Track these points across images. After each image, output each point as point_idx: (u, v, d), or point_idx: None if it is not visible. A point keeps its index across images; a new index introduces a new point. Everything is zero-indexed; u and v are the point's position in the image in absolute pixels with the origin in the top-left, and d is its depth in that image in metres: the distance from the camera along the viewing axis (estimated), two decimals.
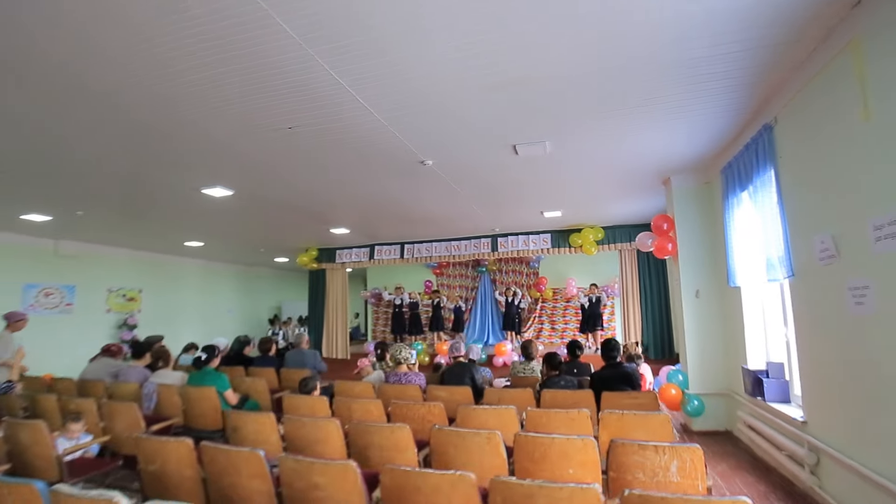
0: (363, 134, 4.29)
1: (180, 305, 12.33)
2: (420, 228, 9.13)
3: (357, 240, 10.37)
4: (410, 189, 6.19)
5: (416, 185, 5.98)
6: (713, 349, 5.37)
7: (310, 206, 6.98)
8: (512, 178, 5.77)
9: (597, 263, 11.43)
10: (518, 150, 4.68)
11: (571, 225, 8.84)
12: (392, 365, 5.31)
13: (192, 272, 12.80)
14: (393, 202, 6.85)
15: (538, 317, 12.02)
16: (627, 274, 8.63)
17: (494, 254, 9.45)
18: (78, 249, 9.90)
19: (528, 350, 4.90)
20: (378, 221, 8.33)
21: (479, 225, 8.86)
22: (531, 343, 4.97)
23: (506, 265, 12.46)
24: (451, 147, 4.69)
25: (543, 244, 9.13)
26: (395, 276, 13.36)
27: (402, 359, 4.52)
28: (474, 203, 6.99)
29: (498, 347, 8.97)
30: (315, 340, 10.76)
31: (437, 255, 9.86)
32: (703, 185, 5.64)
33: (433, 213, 7.73)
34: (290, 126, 4.11)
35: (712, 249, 5.46)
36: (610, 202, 7.13)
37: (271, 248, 11.21)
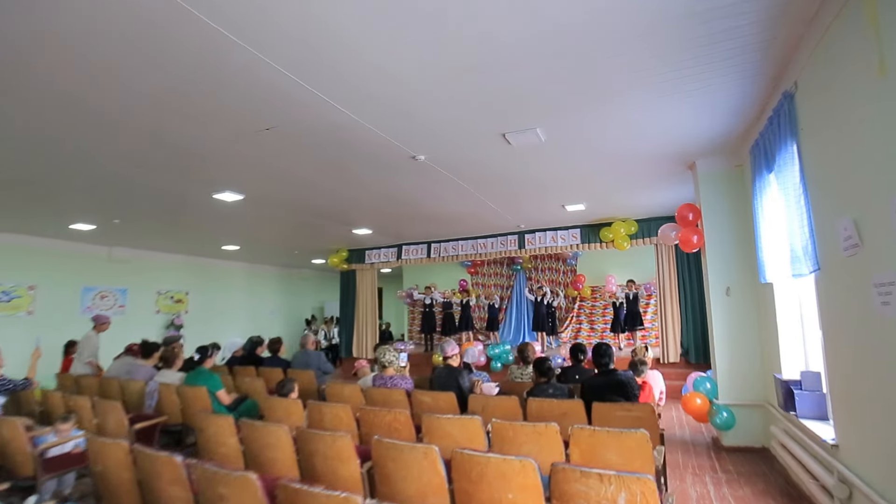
0: (345, 132, 4.17)
1: (225, 306, 12.95)
2: (443, 227, 8.93)
3: (384, 240, 10.35)
4: (417, 186, 6.00)
5: (421, 182, 5.78)
6: (745, 354, 4.72)
7: (320, 206, 6.99)
8: (515, 172, 5.42)
9: (637, 259, 10.67)
10: (510, 140, 4.35)
11: (601, 218, 8.26)
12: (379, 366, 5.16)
13: (236, 275, 13.41)
14: (403, 200, 6.69)
15: (576, 316, 11.42)
16: (664, 270, 7.92)
17: (522, 251, 9.04)
18: (129, 255, 10.64)
19: (525, 354, 4.55)
20: (396, 221, 8.22)
21: (503, 222, 8.50)
22: (528, 346, 4.61)
23: (541, 262, 11.96)
24: (437, 139, 4.44)
25: (573, 240, 8.60)
26: (431, 276, 13.25)
27: (387, 362, 4.34)
28: (487, 199, 6.67)
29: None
30: (346, 341, 10.87)
31: (464, 253, 9.61)
32: (734, 168, 4.99)
33: (449, 211, 7.49)
34: (266, 128, 4.08)
35: (743, 241, 4.81)
36: (634, 192, 6.54)
37: (305, 251, 11.47)
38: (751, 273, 4.70)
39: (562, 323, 11.41)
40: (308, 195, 6.34)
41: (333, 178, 5.62)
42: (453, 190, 6.13)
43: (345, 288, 11.16)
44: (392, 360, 4.35)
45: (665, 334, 7.75)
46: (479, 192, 6.30)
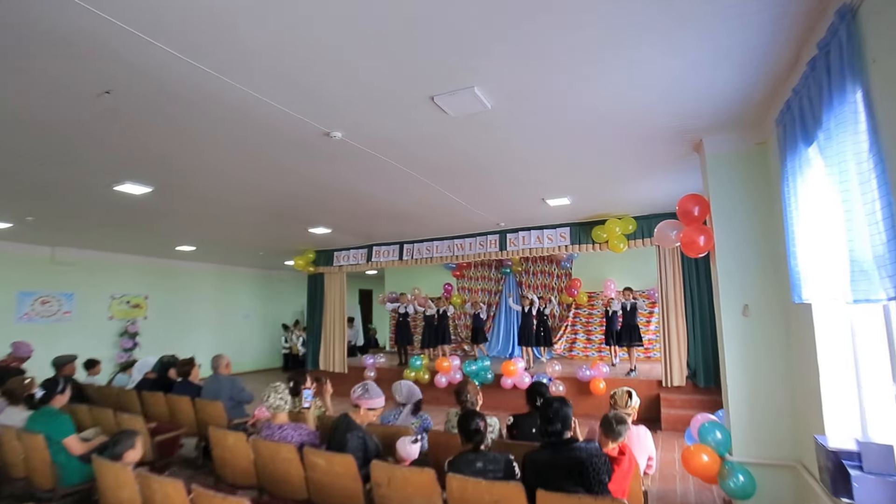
0: (234, 106, 3.09)
1: (191, 311, 11.96)
2: (414, 226, 7.80)
3: (353, 240, 9.25)
4: (352, 173, 4.87)
5: (355, 168, 4.65)
6: (770, 396, 3.51)
7: (250, 199, 5.89)
8: (466, 153, 4.26)
9: (641, 262, 9.44)
10: (442, 106, 3.19)
11: (593, 215, 7.05)
12: (296, 406, 4.04)
13: (203, 277, 12.41)
14: (345, 191, 5.56)
15: (570, 325, 10.20)
16: (668, 276, 6.68)
17: (504, 253, 7.87)
18: (76, 256, 9.68)
19: (462, 395, 3.39)
20: (353, 217, 7.10)
21: (481, 220, 7.34)
22: (466, 385, 3.44)
23: (533, 265, 10.77)
24: (349, 109, 3.31)
25: (561, 240, 7.40)
26: (414, 279, 12.14)
27: (273, 407, 3.21)
28: (444, 188, 5.51)
29: (506, 366, 7.39)
30: (313, 352, 9.79)
31: (440, 255, 8.46)
32: (754, 147, 3.77)
33: (409, 207, 6.36)
34: (106, 91, 2.98)
35: (768, 245, 3.60)
36: (628, 184, 5.33)
37: (271, 252, 10.42)
38: (779, 288, 3.49)
39: (554, 333, 10.20)
40: (228, 185, 5.25)
41: (250, 164, 4.52)
42: (399, 178, 4.99)
43: (312, 293, 10.08)
44: (279, 405, 3.22)
45: (668, 352, 6.52)
46: (429, 180, 5.13)
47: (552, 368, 7.18)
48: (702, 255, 4.04)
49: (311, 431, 3.25)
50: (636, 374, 7.15)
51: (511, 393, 7.57)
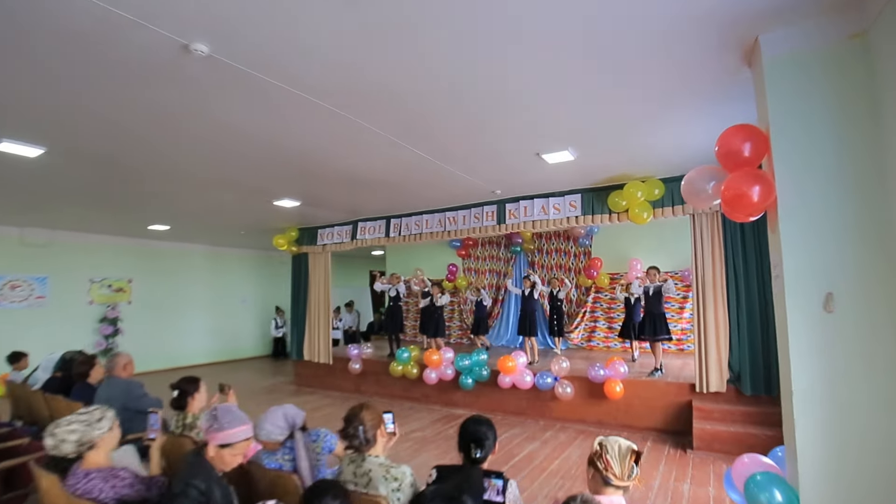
0: None
1: (183, 296, 11.28)
2: (400, 197, 6.62)
3: (337, 216, 8.17)
4: (263, 121, 3.71)
5: (258, 106, 3.48)
6: (868, 437, 2.18)
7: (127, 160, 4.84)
8: (411, 76, 3.00)
9: (675, 237, 7.96)
10: None
11: (608, 178, 5.65)
12: (179, 426, 3.00)
13: (195, 259, 11.68)
14: (269, 147, 4.43)
15: (589, 312, 8.84)
16: (704, 253, 5.24)
17: (503, 227, 6.58)
18: (48, 237, 9.03)
19: (350, 427, 2.20)
20: (308, 186, 5.99)
21: (473, 188, 6.08)
22: (360, 412, 2.25)
23: (546, 243, 9.41)
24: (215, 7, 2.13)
25: (570, 210, 6.04)
26: (417, 260, 11.02)
27: (55, 445, 2.12)
28: (404, 141, 4.28)
29: (503, 362, 6.18)
30: (297, 341, 8.86)
31: (430, 231, 7.26)
32: (845, 43, 2.36)
33: (358, 169, 5.18)
34: None
35: (866, 199, 2.22)
36: (649, 126, 3.94)
37: (253, 231, 9.47)
38: (885, 269, 2.12)
39: (571, 320, 8.89)
40: (127, 142, 4.19)
41: (133, 109, 3.43)
42: (333, 125, 3.79)
43: (296, 275, 9.10)
44: (83, 440, 2.13)
45: (704, 350, 5.14)
46: (370, 123, 3.90)
47: (558, 366, 5.92)
48: (754, 219, 2.67)
49: (133, 481, 2.16)
50: (662, 375, 5.81)
51: (510, 394, 6.38)
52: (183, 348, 11.11)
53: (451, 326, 10.44)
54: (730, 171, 2.56)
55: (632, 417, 5.57)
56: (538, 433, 5.60)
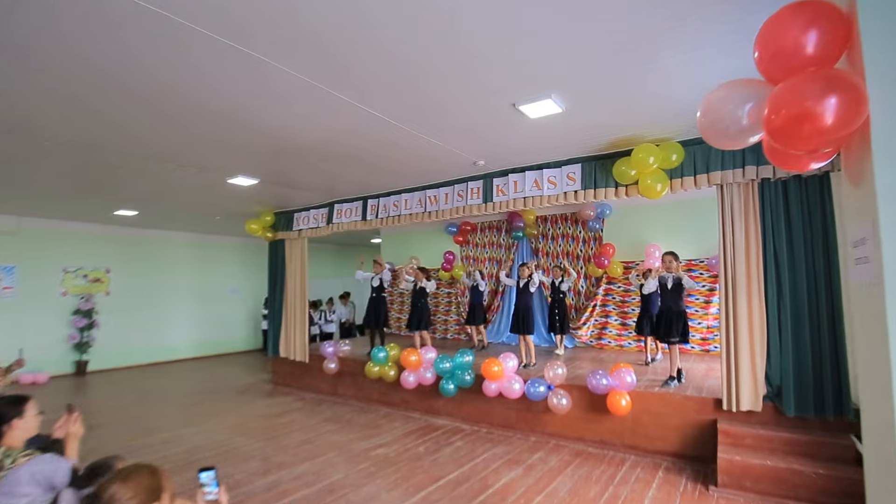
0: None
1: (167, 286, 10.67)
2: (374, 173, 5.68)
3: (314, 198, 7.30)
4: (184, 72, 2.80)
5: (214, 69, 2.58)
6: None
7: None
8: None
9: (701, 218, 6.82)
10: None
11: (613, 143, 4.56)
12: None
13: (179, 247, 11.05)
14: (200, 110, 3.53)
15: (600, 305, 7.74)
16: (735, 234, 4.09)
17: (490, 206, 5.56)
18: (16, 224, 8.48)
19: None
20: (260, 161, 5.10)
21: (454, 160, 5.10)
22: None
23: (552, 227, 8.32)
24: None
25: (568, 184, 4.97)
26: (412, 248, 10.10)
27: None
28: (352, 97, 3.31)
29: (487, 366, 5.20)
30: (273, 336, 8.07)
31: (409, 212, 6.29)
32: None
33: (303, 134, 4.22)
34: None
35: None
36: (663, 59, 2.85)
37: (228, 215, 8.69)
38: None
39: (579, 315, 7.81)
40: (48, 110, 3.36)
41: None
42: (254, 73, 2.86)
43: (273, 264, 8.29)
44: None
45: (733, 357, 4.03)
46: (284, 66, 2.95)
47: (552, 372, 4.89)
48: (818, 166, 1.61)
49: None
50: (680, 385, 4.73)
51: (497, 404, 5.40)
52: (166, 342, 10.53)
53: (447, 321, 9.51)
54: (782, 77, 1.49)
55: (640, 438, 4.52)
56: (525, 454, 4.61)
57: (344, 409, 6.47)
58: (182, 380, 8.64)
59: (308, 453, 4.66)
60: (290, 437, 5.19)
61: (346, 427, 5.59)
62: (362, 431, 5.41)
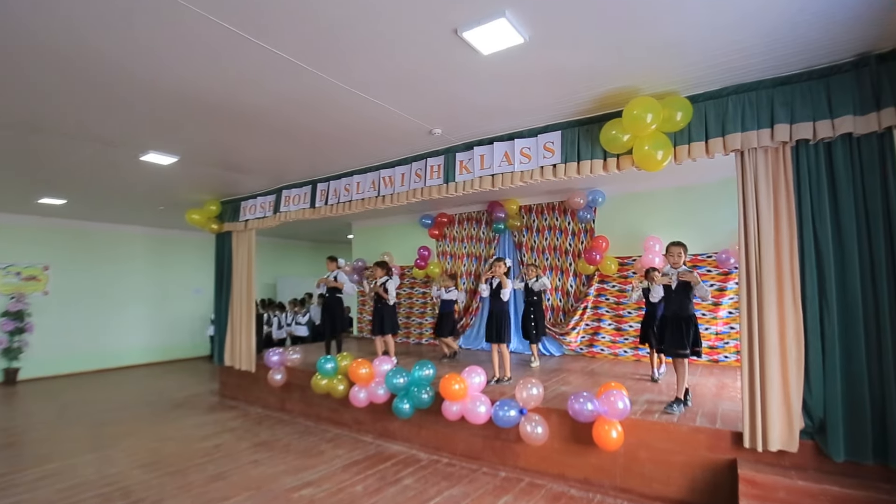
0: None
1: (117, 285, 9.67)
2: (326, 149, 4.70)
3: (262, 183, 6.31)
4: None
5: None
6: None
7: None
8: None
9: (708, 204, 5.87)
10: None
11: (601, 99, 3.55)
12: None
13: (136, 243, 10.07)
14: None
15: (591, 307, 6.74)
16: (761, 215, 3.09)
17: (452, 187, 4.55)
18: None
19: None
20: (176, 117, 4.10)
21: (398, 126, 4.11)
22: None
23: (537, 218, 7.32)
24: None
25: (546, 157, 3.97)
26: (385, 243, 9.13)
27: None
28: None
29: (446, 383, 4.20)
30: (220, 340, 7.07)
31: (361, 196, 5.29)
32: None
33: (224, 93, 3.23)
34: None
35: None
36: None
37: (171, 204, 7.70)
38: None
39: (567, 318, 6.81)
40: None
41: None
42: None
43: (219, 260, 7.29)
44: None
45: (759, 378, 3.02)
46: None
47: (526, 392, 3.89)
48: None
49: None
50: (685, 410, 3.73)
51: (461, 429, 4.40)
52: (114, 347, 9.53)
53: (423, 324, 8.51)
54: None
55: (635, 479, 3.52)
56: (490, 496, 3.62)
57: (286, 429, 5.47)
58: (119, 390, 7.64)
59: (212, 496, 3.66)
60: (201, 471, 4.19)
61: (279, 455, 4.59)
62: (297, 461, 4.42)
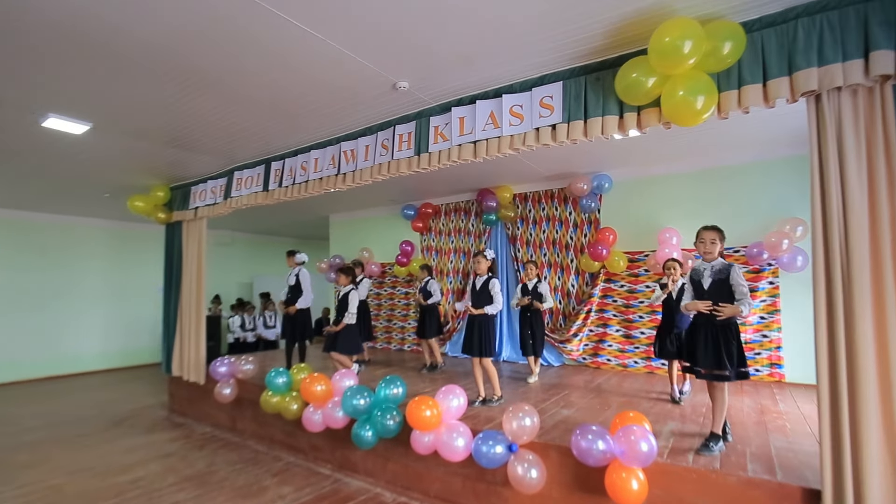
0: None
1: (70, 283, 8.73)
2: (277, 114, 3.78)
3: (213, 164, 5.38)
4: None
5: None
6: None
7: None
8: None
9: (732, 191, 4.98)
10: None
11: (617, 32, 2.62)
12: None
13: (93, 237, 9.13)
14: None
15: (595, 311, 5.82)
16: (849, 185, 2.21)
17: (423, 158, 3.60)
18: None
19: None
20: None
21: (364, 82, 3.19)
22: None
23: (534, 208, 6.40)
24: None
25: (543, 116, 3.04)
26: (364, 238, 8.22)
27: None
28: None
29: (415, 410, 3.27)
30: (167, 347, 6.13)
31: (319, 174, 4.34)
32: None
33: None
34: None
35: None
36: None
37: (117, 189, 6.74)
38: None
39: (569, 324, 5.89)
40: None
41: None
42: None
43: (169, 254, 6.34)
44: None
45: (848, 416, 2.10)
46: None
47: (516, 422, 2.97)
48: None
49: None
50: (724, 449, 2.82)
51: (435, 465, 3.47)
52: (68, 351, 8.58)
53: (405, 328, 7.58)
54: None
55: None
56: None
57: (231, 455, 4.54)
58: (57, 403, 6.69)
59: None
60: None
61: (208, 494, 3.66)
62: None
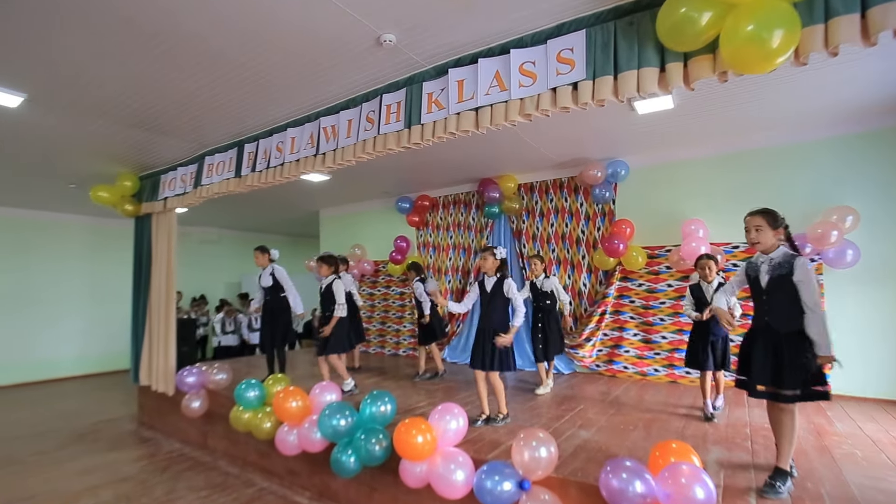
0: None
1: (46, 283, 8.18)
2: (248, 86, 3.20)
3: (182, 149, 4.80)
4: None
5: None
6: None
7: None
8: None
9: (766, 177, 4.40)
10: None
11: None
12: None
13: (72, 235, 8.60)
14: None
15: (609, 312, 5.23)
16: None
17: (415, 131, 3.01)
18: None
19: None
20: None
21: (342, 37, 2.61)
22: None
23: (541, 199, 5.81)
24: None
25: (561, 73, 2.45)
26: (356, 234, 7.66)
27: None
28: None
29: (402, 434, 2.69)
30: (136, 353, 5.55)
31: (296, 155, 3.75)
32: None
33: None
34: None
35: None
36: None
37: (84, 177, 6.16)
38: None
39: (580, 326, 5.30)
40: None
41: None
42: None
43: (138, 250, 5.76)
44: None
45: None
46: None
47: (528, 454, 2.40)
48: None
49: None
50: (793, 488, 2.23)
51: (430, 499, 2.88)
52: (43, 356, 8.04)
53: (400, 331, 7.00)
54: None
55: None
56: None
57: (197, 479, 3.96)
58: (21, 413, 6.12)
59: None
60: None
61: None
62: None
